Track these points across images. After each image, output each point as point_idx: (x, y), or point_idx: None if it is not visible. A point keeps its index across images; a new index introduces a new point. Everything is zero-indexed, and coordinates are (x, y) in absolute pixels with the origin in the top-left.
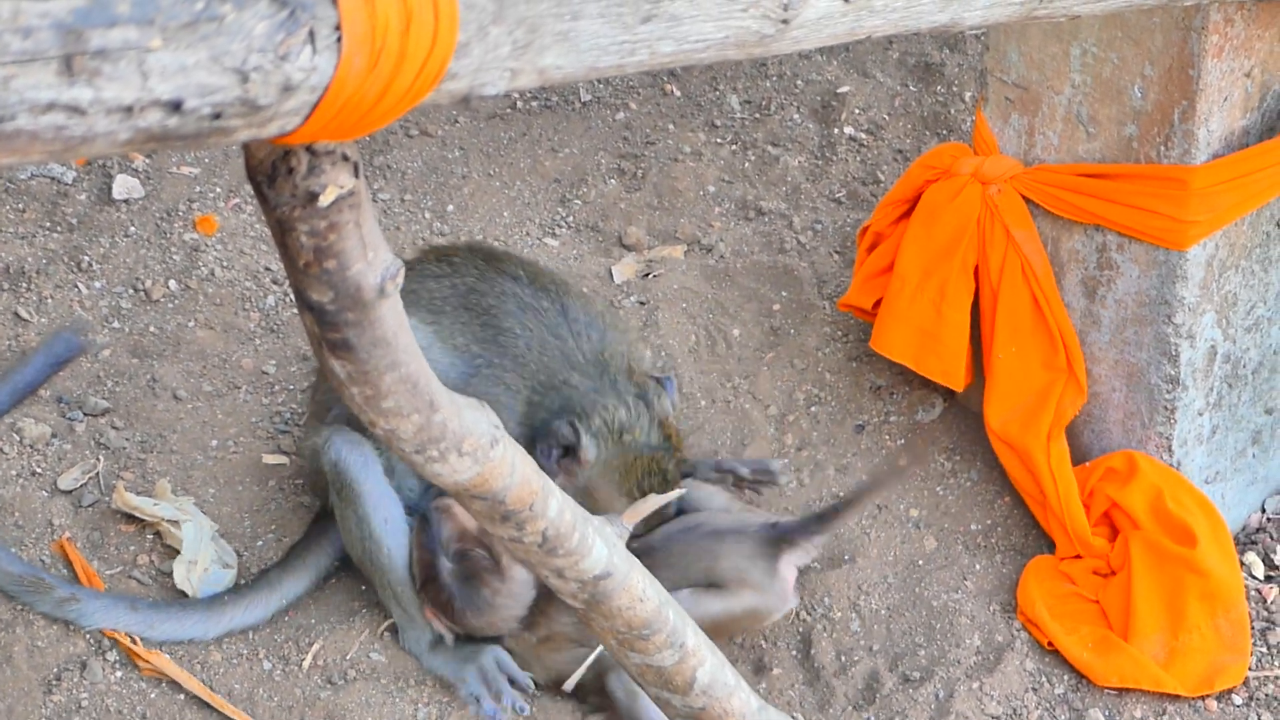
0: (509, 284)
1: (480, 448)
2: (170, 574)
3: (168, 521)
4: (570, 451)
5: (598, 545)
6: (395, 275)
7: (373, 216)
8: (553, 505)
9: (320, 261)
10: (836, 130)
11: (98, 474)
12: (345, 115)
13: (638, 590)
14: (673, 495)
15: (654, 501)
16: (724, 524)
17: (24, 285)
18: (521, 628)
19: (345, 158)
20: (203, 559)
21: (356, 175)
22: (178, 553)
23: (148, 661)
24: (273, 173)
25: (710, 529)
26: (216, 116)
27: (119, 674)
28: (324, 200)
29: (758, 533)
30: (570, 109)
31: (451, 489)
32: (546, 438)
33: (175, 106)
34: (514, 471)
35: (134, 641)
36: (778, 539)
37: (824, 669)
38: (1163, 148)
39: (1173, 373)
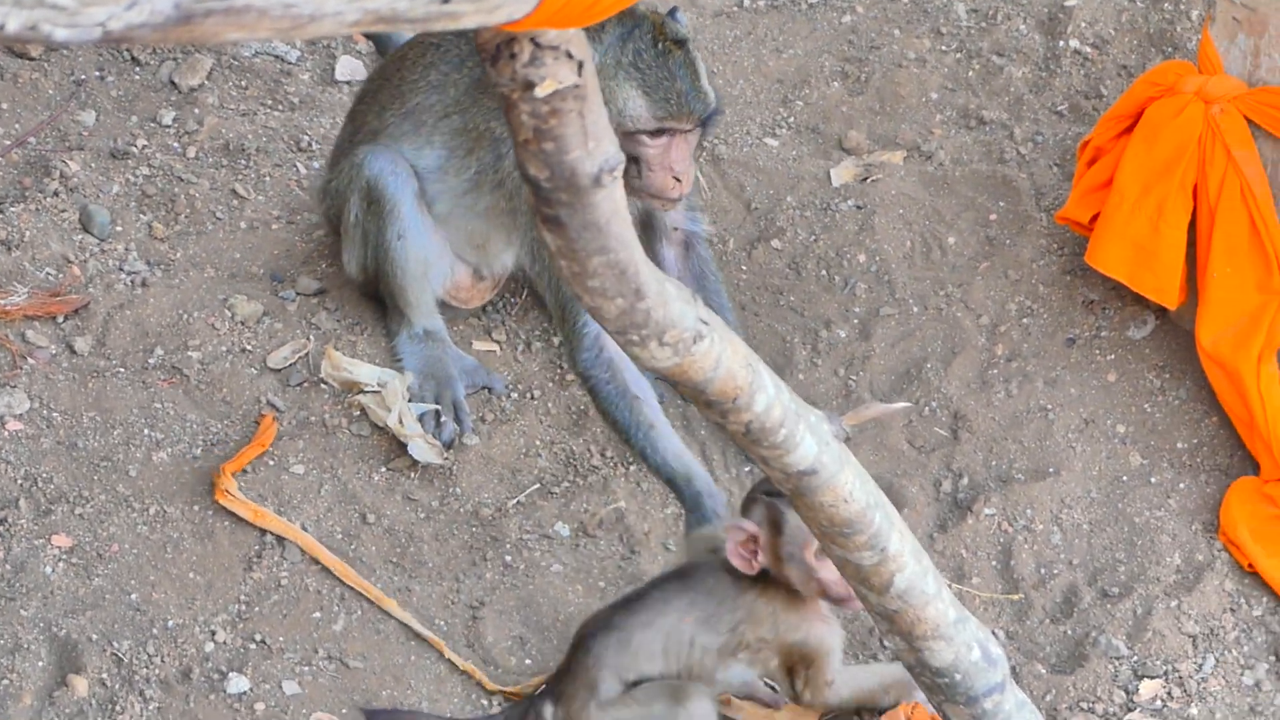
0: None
1: (683, 340)
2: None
3: (369, 391)
4: None
5: (806, 442)
6: (614, 169)
7: (600, 108)
8: (760, 400)
9: (539, 141)
10: (1062, 43)
11: (307, 354)
12: (573, 4)
13: (844, 490)
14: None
15: (879, 408)
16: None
17: (243, 162)
18: None
19: (570, 55)
20: (407, 413)
21: (580, 73)
22: (379, 428)
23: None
24: (496, 55)
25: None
26: (445, 0)
27: None
28: (540, 91)
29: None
30: (797, 10)
31: (652, 372)
32: None
33: None
34: (718, 366)
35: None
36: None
37: (1023, 580)
38: None
39: None
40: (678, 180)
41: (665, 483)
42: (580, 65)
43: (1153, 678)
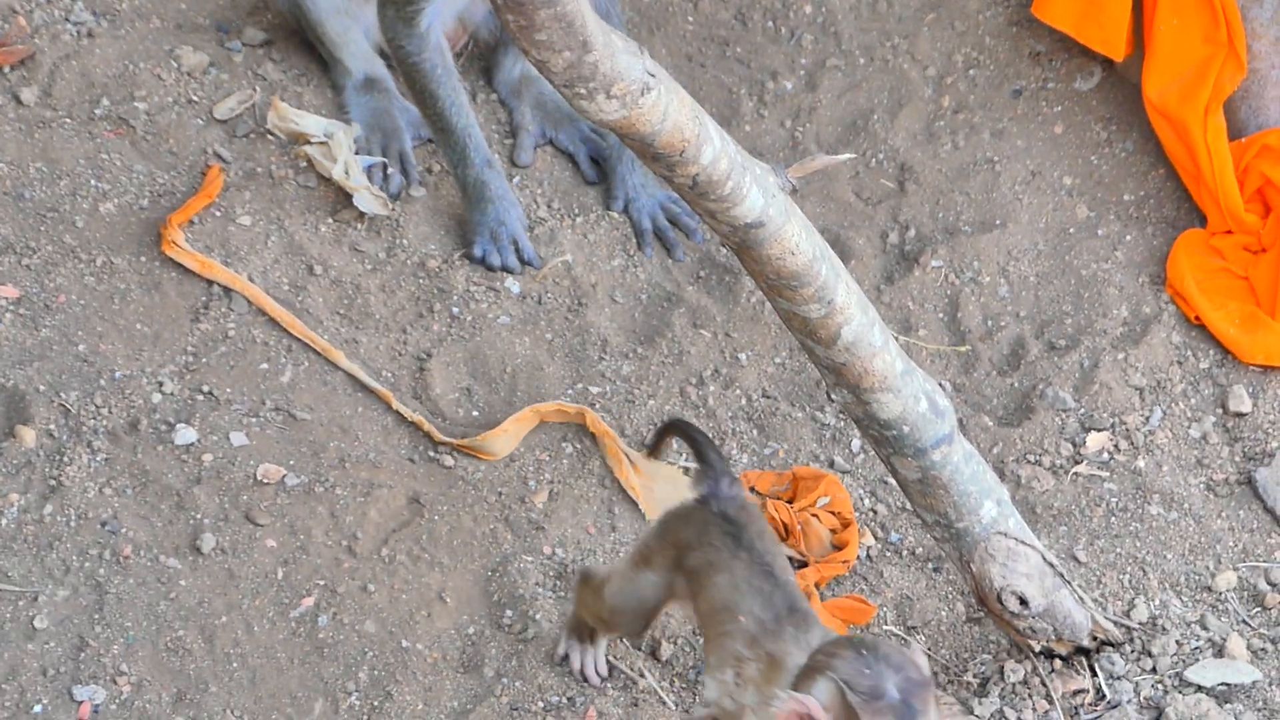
0: None
1: (630, 93)
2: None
3: (315, 142)
4: None
5: (753, 194)
6: None
7: None
8: (706, 153)
9: None
10: None
11: (254, 105)
12: None
13: (790, 243)
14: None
15: (823, 159)
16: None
17: None
18: None
19: None
20: (353, 165)
21: None
22: (325, 179)
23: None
24: None
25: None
26: None
27: None
28: None
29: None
30: None
31: (599, 125)
32: None
33: None
34: (665, 119)
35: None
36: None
37: (970, 332)
38: None
39: None
40: None
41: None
42: None
43: (1100, 430)
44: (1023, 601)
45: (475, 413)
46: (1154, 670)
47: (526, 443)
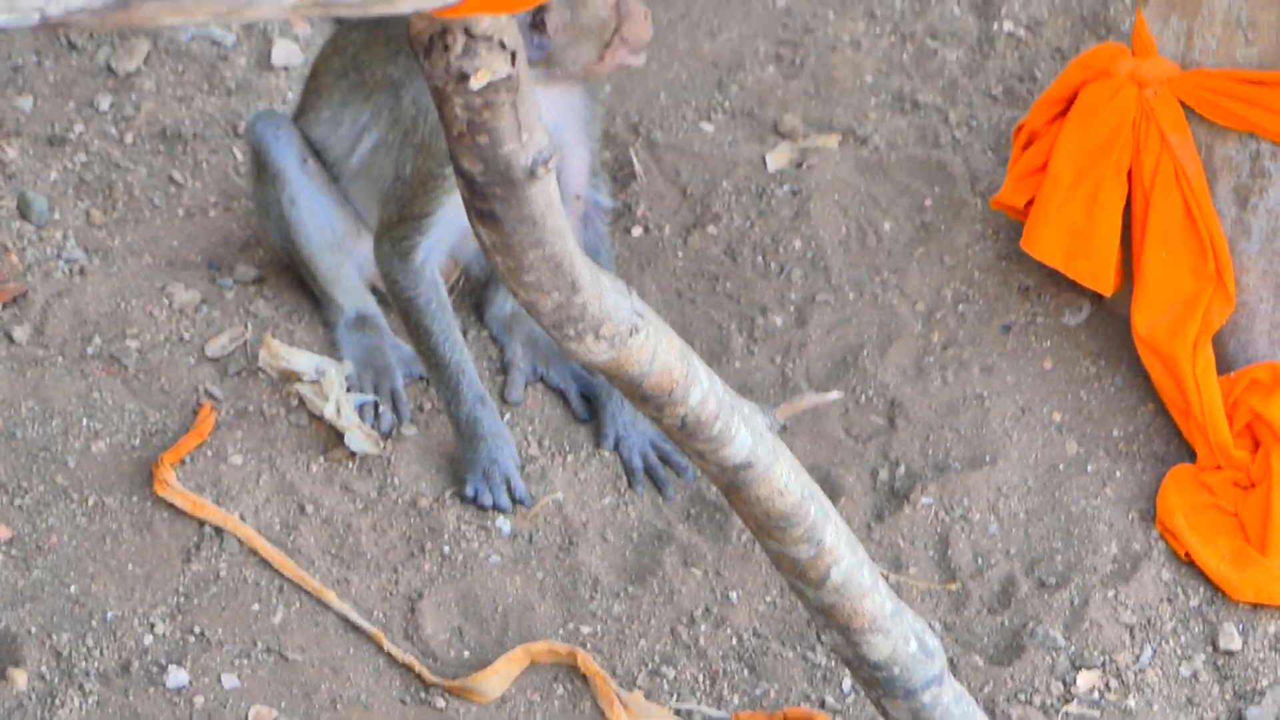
0: None
1: (619, 334)
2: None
3: (307, 381)
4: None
5: (741, 434)
6: (548, 160)
7: (533, 100)
8: (695, 394)
9: (473, 134)
10: (996, 25)
11: (245, 342)
12: None
13: (779, 483)
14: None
15: (811, 398)
16: None
17: (180, 148)
18: None
19: (503, 45)
20: (345, 403)
21: (514, 64)
22: (317, 417)
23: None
24: (430, 46)
25: None
26: None
27: None
28: (474, 83)
29: None
30: None
31: (588, 366)
32: None
33: None
34: (653, 360)
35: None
36: None
37: (960, 570)
38: None
39: None
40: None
41: (452, 405)
42: (513, 55)
43: (1090, 669)
44: None
45: (467, 653)
46: None
47: (518, 683)
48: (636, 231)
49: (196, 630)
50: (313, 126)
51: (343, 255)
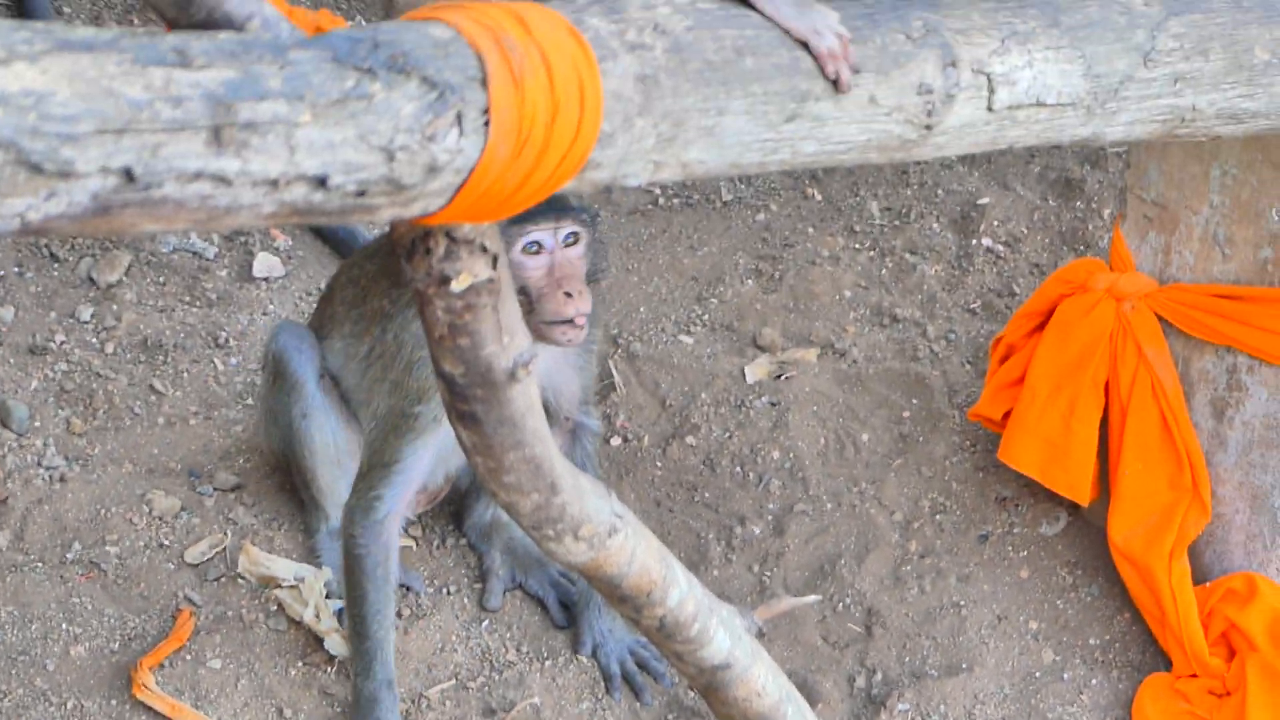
0: None
1: (598, 535)
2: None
3: (286, 586)
4: None
5: (719, 636)
6: (528, 362)
7: (514, 303)
8: (673, 595)
9: (454, 337)
10: (975, 241)
11: (225, 549)
12: (488, 199)
13: (757, 684)
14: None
15: (790, 601)
16: None
17: (161, 358)
18: None
19: (484, 249)
20: (324, 608)
21: (495, 267)
22: (296, 623)
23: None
24: (411, 250)
25: None
26: (361, 194)
27: None
28: (456, 286)
29: None
30: (711, 207)
31: (567, 567)
32: None
33: (321, 182)
34: (632, 560)
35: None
36: None
37: None
38: None
39: None
40: (569, 296)
41: (359, 677)
42: (495, 259)
43: None
44: None
45: None
46: None
47: None
48: (616, 441)
49: None
50: (328, 354)
51: (340, 471)
